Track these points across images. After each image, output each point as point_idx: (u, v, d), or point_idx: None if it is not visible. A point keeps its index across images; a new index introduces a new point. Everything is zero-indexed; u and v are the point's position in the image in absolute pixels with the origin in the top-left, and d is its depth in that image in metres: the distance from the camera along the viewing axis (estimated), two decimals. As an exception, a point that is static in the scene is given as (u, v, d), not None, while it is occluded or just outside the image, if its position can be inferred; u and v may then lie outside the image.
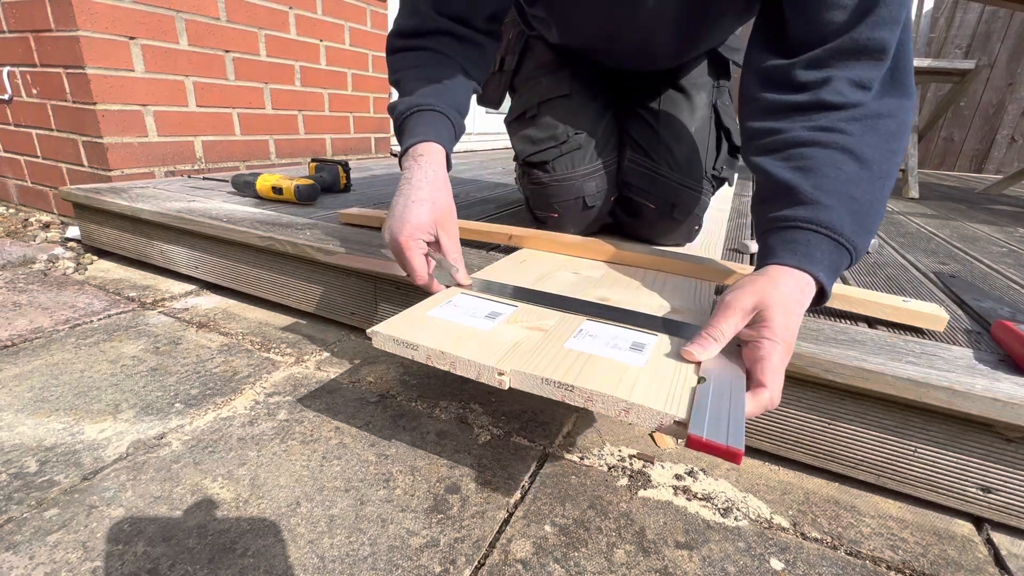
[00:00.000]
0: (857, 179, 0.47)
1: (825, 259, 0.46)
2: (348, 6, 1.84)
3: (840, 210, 0.46)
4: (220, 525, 0.44)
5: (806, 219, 0.47)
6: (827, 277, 0.45)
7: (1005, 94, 3.32)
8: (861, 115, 0.48)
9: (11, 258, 1.07)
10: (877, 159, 0.47)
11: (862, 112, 0.48)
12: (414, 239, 0.56)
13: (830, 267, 0.46)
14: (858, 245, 0.46)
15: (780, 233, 0.48)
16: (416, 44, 0.66)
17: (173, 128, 1.36)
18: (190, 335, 0.79)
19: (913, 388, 0.47)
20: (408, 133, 0.62)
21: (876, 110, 0.48)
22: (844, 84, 0.48)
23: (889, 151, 0.48)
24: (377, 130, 2.13)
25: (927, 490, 0.52)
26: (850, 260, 0.47)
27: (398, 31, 0.67)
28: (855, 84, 0.48)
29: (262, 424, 0.59)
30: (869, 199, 0.47)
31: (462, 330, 0.50)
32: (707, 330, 0.45)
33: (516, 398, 0.67)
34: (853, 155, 0.47)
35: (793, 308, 0.43)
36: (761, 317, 0.43)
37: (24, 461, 0.51)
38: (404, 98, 0.64)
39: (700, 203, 0.84)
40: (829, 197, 0.46)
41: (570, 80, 0.85)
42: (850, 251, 0.46)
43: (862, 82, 0.48)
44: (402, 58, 0.67)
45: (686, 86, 0.83)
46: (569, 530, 0.47)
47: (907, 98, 0.49)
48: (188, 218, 0.91)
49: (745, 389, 0.41)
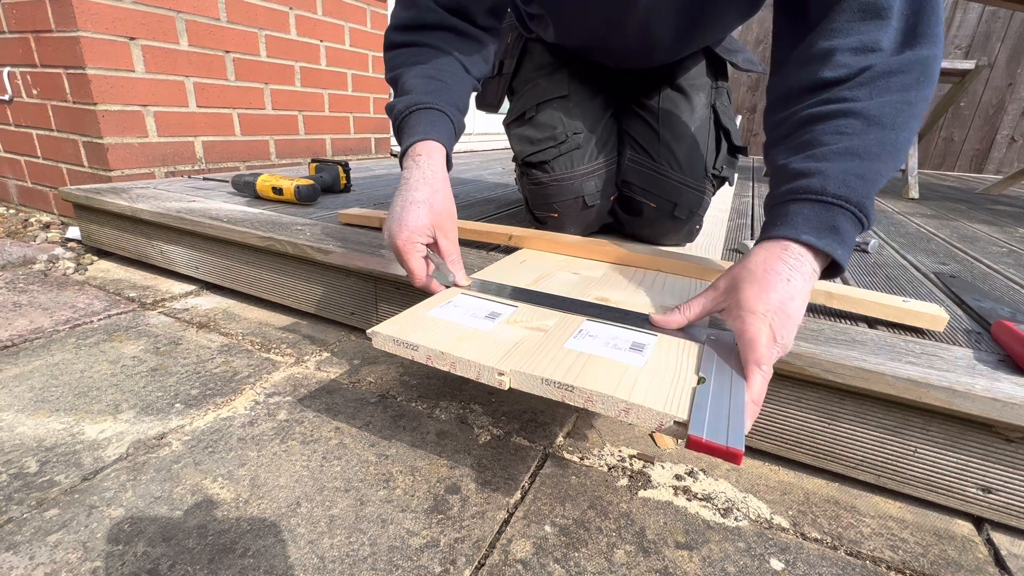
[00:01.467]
0: (862, 135, 0.45)
1: (807, 222, 0.44)
2: (348, 6, 1.84)
3: (829, 172, 0.45)
4: (220, 525, 0.44)
5: (787, 191, 0.47)
6: (815, 237, 0.44)
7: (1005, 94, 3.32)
8: (868, 79, 0.46)
9: (11, 258, 1.07)
10: (888, 113, 0.45)
11: (869, 75, 0.46)
12: (411, 242, 0.56)
13: (819, 226, 0.44)
14: (851, 197, 0.44)
15: (767, 217, 0.49)
16: (414, 39, 0.65)
17: (173, 128, 1.36)
18: (190, 335, 0.79)
19: (913, 388, 0.47)
20: (407, 132, 0.61)
21: (887, 68, 0.46)
22: (846, 55, 0.47)
23: (904, 103, 0.46)
24: (377, 130, 2.13)
25: (927, 490, 0.52)
26: (853, 215, 0.44)
27: (395, 25, 0.66)
28: (858, 50, 0.47)
29: (262, 424, 0.59)
30: (877, 151, 0.45)
31: (462, 330, 0.50)
32: (680, 306, 0.48)
33: (516, 398, 0.67)
34: (859, 116, 0.46)
35: (768, 277, 0.43)
36: (734, 293, 0.44)
37: (24, 461, 0.51)
38: (402, 96, 0.63)
39: (702, 202, 0.84)
40: (819, 163, 0.45)
41: (568, 81, 0.85)
42: (844, 205, 0.44)
43: (867, 46, 0.47)
44: (400, 54, 0.66)
45: (685, 86, 0.84)
46: (569, 530, 0.47)
47: (928, 47, 0.47)
48: (188, 218, 0.91)
49: (745, 389, 0.41)
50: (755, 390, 0.41)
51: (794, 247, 0.44)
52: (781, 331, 0.42)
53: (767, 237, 0.46)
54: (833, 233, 0.44)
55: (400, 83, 0.65)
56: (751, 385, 0.41)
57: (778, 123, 0.53)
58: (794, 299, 0.42)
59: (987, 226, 1.37)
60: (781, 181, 0.48)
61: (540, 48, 0.89)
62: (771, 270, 0.43)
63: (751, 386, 0.41)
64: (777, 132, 0.53)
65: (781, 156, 0.50)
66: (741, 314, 0.43)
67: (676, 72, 0.84)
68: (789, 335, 0.42)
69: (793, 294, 0.42)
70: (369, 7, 1.93)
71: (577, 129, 0.82)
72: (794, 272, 0.43)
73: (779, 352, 0.43)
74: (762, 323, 0.42)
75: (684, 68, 0.85)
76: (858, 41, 0.47)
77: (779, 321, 0.42)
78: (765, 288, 0.42)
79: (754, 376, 0.42)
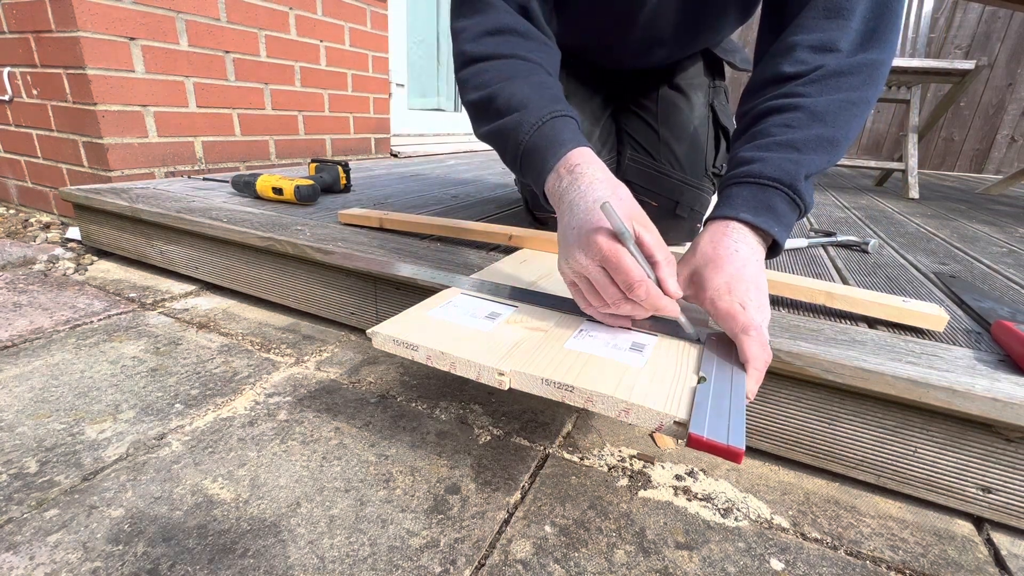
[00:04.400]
0: (805, 129, 0.48)
1: (746, 202, 0.47)
2: (348, 7, 1.84)
3: (768, 159, 0.48)
4: (220, 525, 0.44)
5: (730, 177, 0.50)
6: (752, 215, 0.47)
7: (1005, 94, 3.32)
8: (819, 76, 0.50)
9: (11, 258, 1.07)
10: (832, 111, 0.49)
11: (821, 73, 0.50)
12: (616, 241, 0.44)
13: (756, 206, 0.47)
14: (784, 179, 0.47)
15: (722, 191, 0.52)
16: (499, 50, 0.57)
17: (173, 129, 1.36)
18: (190, 335, 0.79)
19: (913, 388, 0.47)
20: (549, 145, 0.51)
21: (838, 68, 0.50)
22: (805, 52, 0.51)
23: (848, 103, 0.49)
24: (377, 130, 2.13)
25: (927, 490, 0.52)
26: (788, 196, 0.47)
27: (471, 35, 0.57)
28: (816, 48, 0.50)
29: (262, 424, 0.59)
30: (815, 145, 0.48)
31: (462, 330, 0.50)
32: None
33: (516, 398, 0.67)
34: (805, 111, 0.49)
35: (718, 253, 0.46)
36: (695, 280, 0.46)
37: (24, 461, 0.51)
38: (516, 113, 0.53)
39: (702, 201, 0.84)
40: (761, 152, 0.49)
41: (567, 81, 0.85)
42: (778, 187, 0.47)
43: (824, 45, 0.50)
44: (486, 68, 0.56)
45: (683, 85, 0.84)
46: (569, 530, 0.47)
47: (880, 51, 0.50)
48: (188, 218, 0.91)
49: (745, 388, 0.41)
50: (754, 354, 0.42)
51: (734, 224, 0.47)
52: (744, 297, 0.43)
53: (710, 218, 0.49)
54: (769, 212, 0.47)
55: (500, 99, 0.54)
56: (749, 351, 0.42)
57: (741, 115, 0.57)
58: (747, 265, 0.45)
59: (987, 226, 1.37)
60: (730, 168, 0.52)
61: None
62: (719, 246, 0.46)
63: (749, 352, 0.42)
64: (741, 124, 0.56)
65: (736, 146, 0.54)
66: (707, 296, 0.45)
67: (674, 72, 0.85)
68: (756, 299, 0.43)
69: (744, 261, 0.45)
70: (369, 7, 1.93)
71: None
72: (739, 244, 0.46)
73: (761, 319, 0.43)
74: (727, 294, 0.43)
75: (682, 68, 0.85)
76: (818, 39, 0.51)
77: (741, 288, 0.43)
78: (718, 264, 0.45)
79: (748, 343, 0.42)
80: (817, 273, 0.81)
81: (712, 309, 0.45)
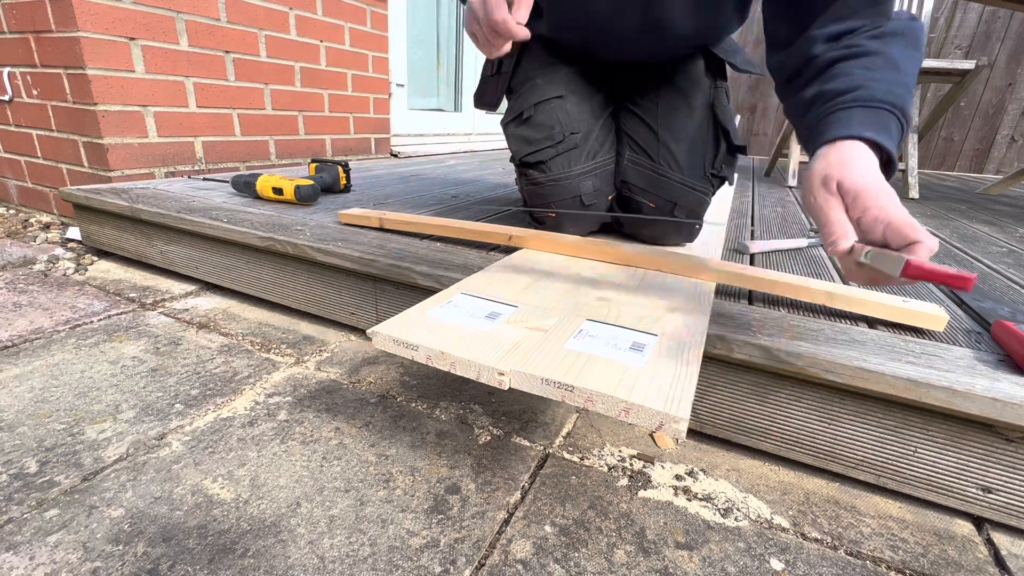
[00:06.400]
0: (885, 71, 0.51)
1: (863, 123, 0.48)
2: (348, 7, 1.84)
3: (872, 86, 0.50)
4: (220, 525, 0.44)
5: (834, 104, 0.51)
6: (875, 134, 0.47)
7: (1005, 94, 3.32)
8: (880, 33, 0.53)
9: (11, 259, 1.07)
10: (902, 60, 0.52)
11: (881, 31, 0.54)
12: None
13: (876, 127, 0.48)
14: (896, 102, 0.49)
15: (816, 128, 0.52)
16: None
17: (173, 129, 1.36)
18: (190, 335, 0.79)
19: (913, 388, 0.47)
20: None
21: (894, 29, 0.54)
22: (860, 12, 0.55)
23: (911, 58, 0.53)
24: (377, 130, 2.13)
25: (927, 490, 0.52)
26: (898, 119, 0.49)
27: None
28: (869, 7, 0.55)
29: (262, 424, 0.59)
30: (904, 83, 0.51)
31: (462, 330, 0.50)
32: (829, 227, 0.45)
33: (516, 398, 0.67)
34: (880, 56, 0.52)
35: (867, 179, 0.45)
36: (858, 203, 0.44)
37: (24, 461, 0.51)
38: None
39: (702, 202, 0.84)
40: (860, 81, 0.51)
41: (566, 81, 0.85)
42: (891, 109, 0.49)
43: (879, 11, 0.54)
44: None
45: (683, 86, 0.83)
46: (569, 530, 0.47)
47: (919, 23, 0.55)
48: (188, 219, 0.91)
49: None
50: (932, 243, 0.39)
51: (858, 145, 0.47)
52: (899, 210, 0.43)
53: (833, 138, 0.48)
54: (887, 132, 0.48)
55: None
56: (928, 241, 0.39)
57: (800, 69, 0.58)
58: (884, 180, 0.46)
59: (987, 226, 1.37)
60: (823, 102, 0.52)
61: (538, 47, 0.89)
62: (869, 171, 0.45)
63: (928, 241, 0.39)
64: (802, 77, 0.57)
65: (814, 87, 0.55)
66: (871, 208, 0.43)
67: (674, 72, 0.84)
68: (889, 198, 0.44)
69: (883, 179, 0.46)
70: (369, 7, 1.93)
71: (574, 129, 0.82)
72: (872, 162, 0.47)
73: None
74: (895, 207, 0.42)
75: (682, 68, 0.85)
76: (872, 8, 0.54)
77: (897, 202, 0.43)
78: (867, 177, 0.44)
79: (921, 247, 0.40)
80: (817, 273, 0.81)
81: (883, 216, 0.42)
